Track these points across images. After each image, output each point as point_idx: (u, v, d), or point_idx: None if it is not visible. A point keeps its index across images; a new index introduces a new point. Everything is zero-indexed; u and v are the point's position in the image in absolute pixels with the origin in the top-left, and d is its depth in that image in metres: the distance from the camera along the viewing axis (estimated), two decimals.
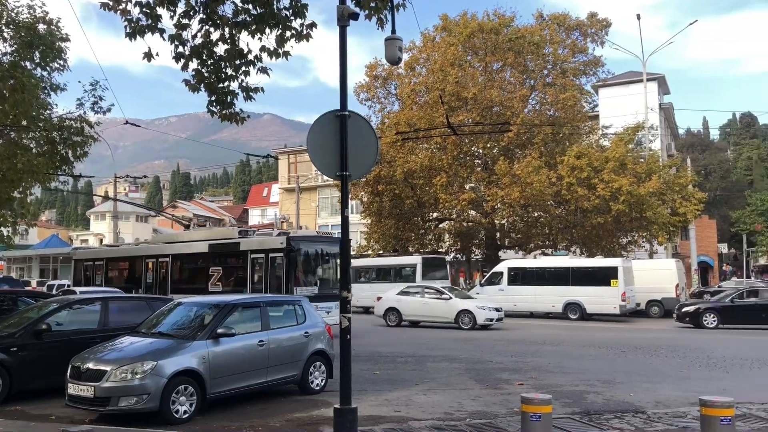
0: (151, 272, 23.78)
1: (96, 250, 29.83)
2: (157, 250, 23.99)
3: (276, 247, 19.70)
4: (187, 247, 22.92)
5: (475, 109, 30.10)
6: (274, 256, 19.70)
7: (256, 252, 20.33)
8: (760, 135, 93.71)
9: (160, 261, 23.45)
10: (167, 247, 23.82)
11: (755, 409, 9.71)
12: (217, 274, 21.40)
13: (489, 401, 10.36)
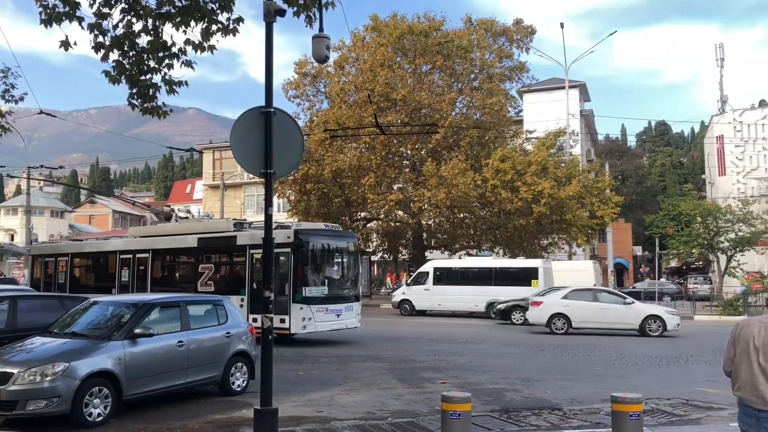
0: (127, 270, 21.32)
1: (59, 244, 26.60)
2: (135, 245, 21.56)
3: (281, 242, 17.27)
4: (171, 242, 20.58)
5: (404, 110, 30.35)
6: (279, 252, 17.30)
7: (256, 247, 18.01)
8: (674, 143, 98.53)
9: (139, 257, 21.07)
10: (147, 241, 21.40)
11: (663, 404, 10.19)
12: (208, 272, 19.44)
13: (411, 400, 10.45)
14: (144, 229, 23.02)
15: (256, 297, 17.73)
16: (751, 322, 4.88)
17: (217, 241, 19.49)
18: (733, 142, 45.73)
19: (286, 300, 17.10)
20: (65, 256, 23.74)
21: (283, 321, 17.00)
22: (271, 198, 6.60)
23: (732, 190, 44.05)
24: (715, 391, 11.37)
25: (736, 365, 4.85)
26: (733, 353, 4.90)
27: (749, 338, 4.75)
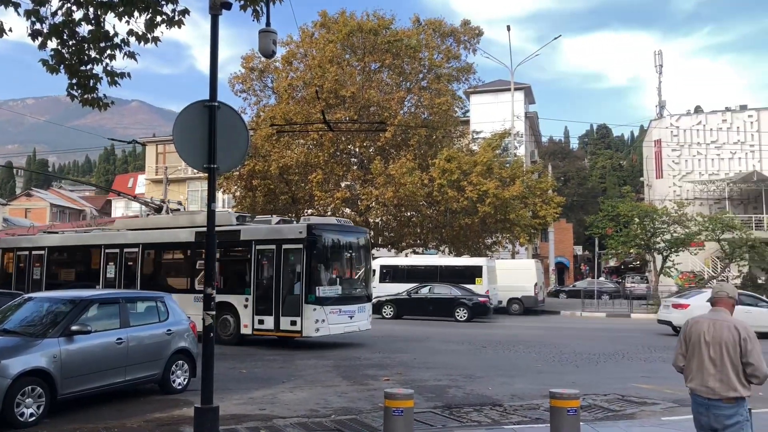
0: (113, 266, 19.64)
1: (32, 237, 24.29)
2: (123, 239, 19.83)
3: (292, 237, 16.57)
4: (164, 236, 19.02)
5: (353, 107, 30.33)
6: (290, 248, 16.60)
7: (263, 243, 17.08)
8: (614, 146, 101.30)
9: (127, 252, 19.49)
10: (136, 235, 19.75)
11: (599, 400, 10.48)
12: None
13: (355, 397, 10.47)
14: (133, 222, 21.12)
15: (263, 297, 16.79)
16: (701, 320, 5.25)
17: (219, 235, 18.34)
18: (670, 146, 47.30)
19: (298, 300, 16.14)
20: (41, 249, 21.69)
21: (294, 323, 16.10)
22: (214, 193, 6.52)
23: (668, 192, 45.58)
24: (649, 386, 11.78)
25: (688, 360, 5.23)
26: (684, 349, 5.28)
27: (700, 334, 5.13)
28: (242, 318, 16.98)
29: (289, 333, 16.33)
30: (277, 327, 16.50)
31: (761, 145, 45.15)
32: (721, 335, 5.03)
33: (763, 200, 43.28)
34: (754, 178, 43.24)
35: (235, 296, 17.16)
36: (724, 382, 4.98)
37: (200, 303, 17.17)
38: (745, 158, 45.68)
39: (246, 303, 16.97)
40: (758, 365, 4.90)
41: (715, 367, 5.00)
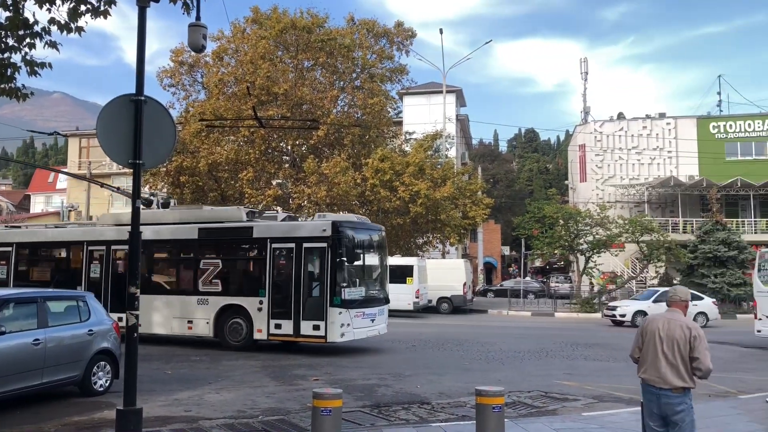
0: (98, 265, 17.86)
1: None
2: (111, 235, 17.87)
3: (315, 235, 15.41)
4: (161, 232, 17.22)
5: (285, 105, 30.04)
6: (311, 247, 15.49)
7: (280, 241, 15.89)
8: (541, 150, 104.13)
9: (116, 250, 17.68)
10: (125, 230, 18.62)
11: (524, 396, 10.77)
12: (213, 269, 16.56)
13: (283, 398, 10.39)
14: (123, 216, 19.07)
15: (281, 299, 15.67)
16: (656, 318, 5.93)
17: (225, 232, 16.77)
18: (594, 151, 48.97)
19: (321, 303, 15.12)
20: (6, 246, 19.32)
21: (317, 328, 15.07)
22: (139, 190, 6.34)
23: (591, 195, 47.19)
24: (571, 383, 12.17)
25: (644, 353, 5.85)
26: (641, 343, 5.90)
27: (655, 330, 5.77)
28: (255, 322, 15.77)
29: (312, 338, 15.28)
30: (297, 332, 15.35)
31: (678, 152, 47.33)
32: (674, 333, 5.65)
33: (679, 204, 45.39)
34: (671, 183, 45.28)
35: (248, 299, 15.99)
36: (675, 374, 5.58)
37: (204, 305, 16.12)
38: (663, 164, 47.76)
39: (260, 306, 15.79)
40: (703, 360, 5.54)
41: (668, 360, 5.61)
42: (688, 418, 5.60)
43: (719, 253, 35.83)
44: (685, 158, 47.00)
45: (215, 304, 16.29)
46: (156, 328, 16.88)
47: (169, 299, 16.95)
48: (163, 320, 16.81)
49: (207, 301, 16.41)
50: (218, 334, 16.29)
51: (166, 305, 16.85)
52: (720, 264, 35.79)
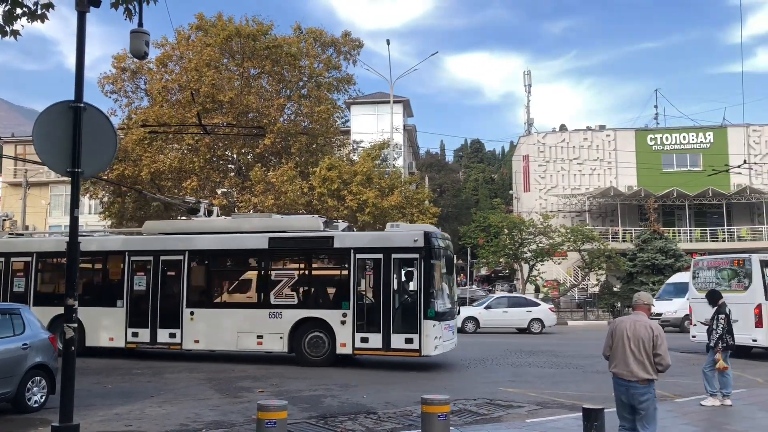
0: (144, 277, 16.75)
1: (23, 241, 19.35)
2: (159, 245, 16.87)
3: (406, 246, 14.92)
4: (223, 242, 16.49)
5: (231, 113, 29.66)
6: (401, 258, 15.02)
7: (366, 251, 15.33)
8: (486, 160, 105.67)
9: (165, 260, 16.70)
10: (179, 240, 16.78)
11: (469, 404, 10.86)
12: (287, 281, 15.80)
13: (228, 410, 10.22)
14: (170, 225, 18.09)
15: (368, 312, 15.07)
16: (624, 320, 6.82)
17: (301, 242, 16.02)
18: (537, 161, 50.05)
19: (415, 316, 14.63)
20: (25, 256, 17.79)
21: (410, 341, 14.56)
22: (78, 199, 6.15)
23: (535, 205, 48.18)
24: (515, 390, 12.34)
25: (614, 350, 6.68)
26: (611, 342, 6.74)
27: (623, 330, 6.62)
28: (338, 336, 15.08)
29: (404, 352, 14.72)
30: (387, 346, 14.79)
31: (617, 163, 48.78)
32: (640, 332, 6.52)
33: (618, 214, 46.73)
34: (611, 193, 46.62)
35: (329, 311, 15.33)
36: (641, 368, 6.46)
37: (276, 319, 15.48)
38: (604, 174, 49.15)
39: (344, 319, 15.08)
40: (664, 356, 6.47)
41: (635, 356, 6.47)
42: (652, 406, 6.52)
43: (657, 261, 37.02)
44: (624, 169, 48.48)
45: (290, 318, 15.48)
46: (218, 344, 16.17)
47: (234, 313, 16.11)
48: (227, 336, 15.85)
49: (280, 314, 15.55)
50: (293, 349, 15.50)
51: (231, 319, 15.93)
52: (658, 272, 36.98)
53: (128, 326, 16.54)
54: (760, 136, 48.70)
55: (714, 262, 20.40)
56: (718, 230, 46.29)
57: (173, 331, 16.19)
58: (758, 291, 18.55)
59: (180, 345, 16.16)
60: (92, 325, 16.59)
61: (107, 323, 16.68)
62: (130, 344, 16.52)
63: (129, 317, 16.59)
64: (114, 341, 16.58)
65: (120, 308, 16.69)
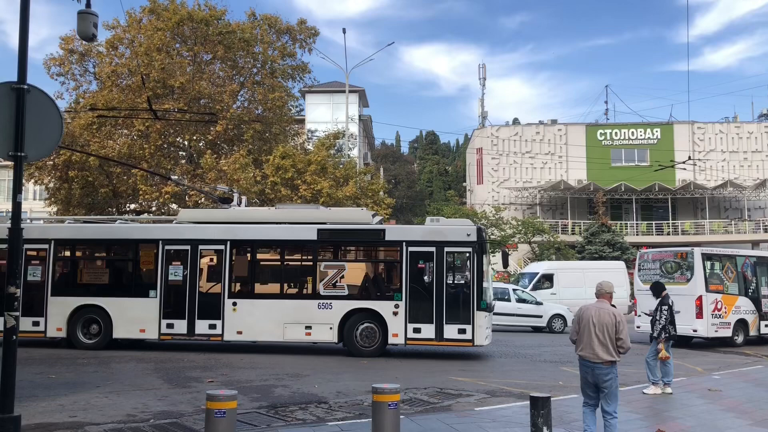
0: (180, 266, 16.29)
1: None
2: (198, 234, 16.48)
3: (459, 240, 15.55)
4: (269, 232, 16.34)
5: (183, 98, 29.09)
6: (454, 251, 15.65)
7: (418, 244, 15.71)
8: (440, 152, 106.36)
9: (205, 250, 16.40)
10: (221, 229, 16.49)
11: (420, 393, 10.97)
12: (337, 272, 15.86)
13: (177, 400, 10.08)
14: (208, 213, 17.71)
15: (421, 303, 15.43)
16: (590, 307, 7.41)
17: (352, 234, 16.23)
18: (490, 154, 50.65)
19: (468, 307, 15.25)
20: (41, 243, 16.69)
21: (463, 332, 15.20)
22: (21, 184, 5.96)
23: (488, 197, 48.77)
24: (465, 379, 12.52)
25: (580, 335, 7.31)
26: (578, 327, 7.36)
27: (589, 317, 7.25)
28: (390, 326, 15.45)
29: (457, 342, 15.31)
30: (440, 336, 15.32)
31: (568, 157, 49.71)
32: (604, 319, 7.17)
33: (568, 207, 47.68)
34: (561, 187, 47.52)
35: (381, 302, 15.66)
36: (605, 351, 7.12)
37: (326, 310, 15.54)
38: (555, 168, 50.06)
39: (396, 310, 15.48)
40: (626, 340, 7.18)
41: (599, 340, 7.13)
42: (615, 385, 7.22)
43: (604, 253, 37.95)
44: (575, 163, 49.47)
45: (341, 309, 15.66)
46: (263, 335, 16.02)
47: (281, 304, 16.00)
48: (273, 327, 15.79)
49: (330, 305, 15.70)
50: (343, 340, 15.71)
51: (278, 310, 15.87)
52: None
53: (162, 317, 16.04)
54: (705, 134, 50.30)
55: (658, 254, 21.05)
56: (664, 224, 47.69)
57: (213, 322, 15.90)
58: (699, 283, 19.25)
59: (221, 336, 15.90)
60: (121, 317, 16.12)
61: (138, 314, 16.09)
62: (165, 336, 16.07)
63: (163, 308, 16.10)
64: (146, 333, 16.11)
65: (153, 299, 16.13)
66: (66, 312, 16.17)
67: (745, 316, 19.98)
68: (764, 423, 9.05)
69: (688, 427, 8.78)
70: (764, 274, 21.21)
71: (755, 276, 20.79)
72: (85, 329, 16.26)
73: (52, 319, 16.21)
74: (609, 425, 7.20)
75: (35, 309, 16.20)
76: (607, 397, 7.21)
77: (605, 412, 7.23)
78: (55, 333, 16.29)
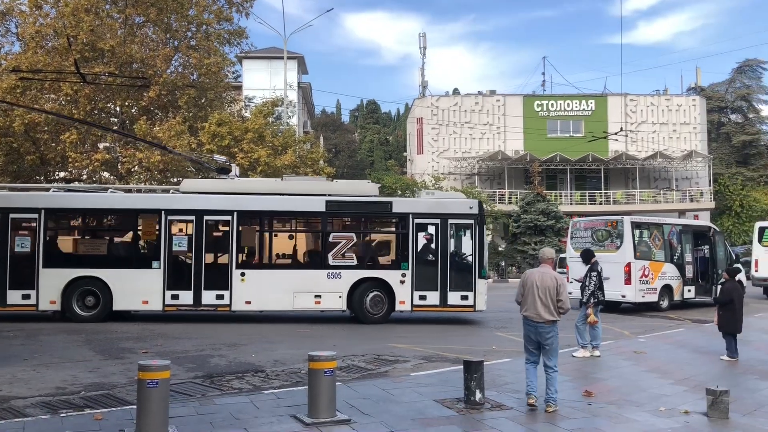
0: (183, 237, 16.23)
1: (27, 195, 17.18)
2: (203, 204, 16.23)
3: (462, 212, 16.57)
4: (277, 203, 16.47)
5: (113, 62, 27.93)
6: (457, 223, 16.56)
7: (423, 216, 16.48)
8: (381, 121, 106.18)
9: (209, 221, 16.19)
10: (226, 200, 16.32)
11: (358, 360, 11.08)
12: (345, 242, 16.32)
13: (109, 372, 9.87)
14: (212, 184, 17.26)
15: (426, 272, 16.26)
16: (533, 272, 8.01)
17: (360, 206, 16.69)
18: (430, 124, 50.82)
19: (471, 275, 16.31)
20: (29, 212, 15.94)
21: (466, 298, 16.23)
22: None
23: (427, 167, 49.04)
24: (403, 346, 12.70)
25: (524, 297, 7.87)
26: (522, 290, 7.93)
27: (533, 281, 7.81)
28: (398, 294, 16.21)
29: (460, 308, 16.32)
30: (444, 302, 16.26)
31: (506, 127, 50.39)
32: (546, 282, 7.75)
33: (505, 177, 48.48)
34: (499, 157, 48.20)
35: (389, 271, 16.35)
36: (547, 311, 7.68)
37: (335, 279, 16.26)
38: (493, 138, 50.66)
39: (403, 279, 16.24)
40: (566, 301, 7.76)
41: (542, 302, 7.69)
42: (555, 342, 7.84)
43: (539, 222, 38.86)
44: (512, 134, 50.19)
45: (349, 278, 16.18)
46: (272, 305, 16.29)
47: (290, 274, 16.35)
48: (283, 296, 16.05)
49: (339, 275, 16.18)
50: (351, 307, 16.29)
51: (287, 280, 16.14)
52: (539, 232, 38.86)
53: (166, 288, 15.83)
54: (637, 106, 51.73)
55: (590, 223, 21.69)
56: (596, 194, 49.07)
57: (221, 292, 15.90)
58: (628, 251, 19.96)
59: (229, 307, 15.97)
60: (121, 288, 15.78)
61: (140, 286, 15.82)
62: (169, 307, 15.88)
63: (167, 279, 15.87)
64: (149, 305, 15.86)
65: (156, 270, 15.86)
66: (60, 284, 15.63)
67: (670, 282, 20.86)
68: (684, 382, 9.52)
69: (614, 387, 9.15)
70: (689, 241, 22.17)
71: (680, 243, 21.69)
72: (80, 302, 15.80)
73: (44, 292, 15.60)
74: (550, 378, 7.75)
75: (25, 282, 15.61)
76: (549, 353, 7.78)
77: (547, 367, 7.78)
78: (48, 306, 15.73)
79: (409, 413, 7.40)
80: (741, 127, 61.78)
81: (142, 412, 6.15)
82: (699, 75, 65.10)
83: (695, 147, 50.49)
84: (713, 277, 21.76)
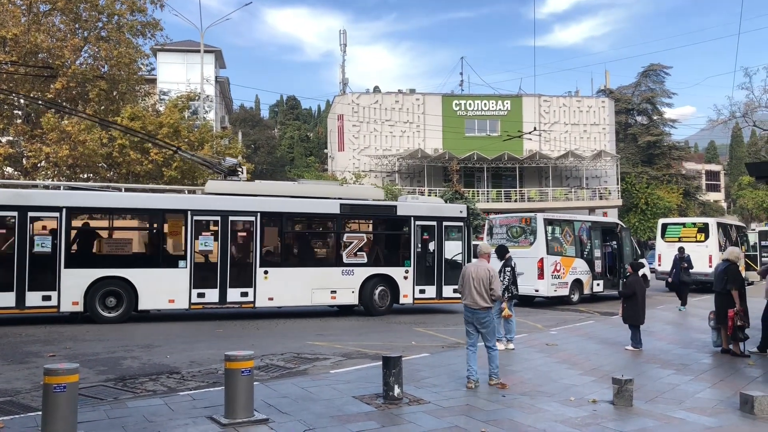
0: (210, 237, 16.41)
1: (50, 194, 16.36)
2: (228, 205, 16.62)
3: (454, 215, 18.94)
4: (297, 205, 17.48)
5: (16, 51, 26.50)
6: (450, 225, 18.79)
7: (423, 219, 18.51)
8: (302, 118, 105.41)
9: (235, 221, 16.74)
10: (251, 201, 16.93)
11: (276, 359, 10.98)
12: (357, 242, 17.83)
13: (12, 377, 9.38)
14: (236, 186, 17.55)
15: (426, 268, 18.39)
16: (470, 265, 9.04)
17: (370, 209, 18.42)
18: (351, 121, 50.86)
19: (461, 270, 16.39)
20: (52, 210, 15.18)
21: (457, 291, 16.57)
22: None
23: (348, 164, 49.10)
24: (322, 343, 12.67)
25: (464, 287, 8.83)
26: (462, 282, 8.88)
27: (470, 273, 8.81)
28: (402, 289, 18.08)
29: (453, 300, 17.89)
30: (440, 295, 18.46)
31: (425, 126, 51.06)
32: (480, 274, 8.72)
33: (425, 175, 49.13)
34: (419, 155, 48.80)
35: (394, 269, 18.13)
36: (482, 299, 8.68)
37: (349, 276, 17.74)
38: (413, 137, 51.25)
39: (406, 275, 18.15)
40: (497, 289, 8.76)
41: (477, 291, 8.67)
42: (491, 325, 8.94)
43: None
44: (431, 132, 50.92)
45: (361, 275, 17.72)
46: (292, 301, 17.19)
47: (309, 272, 17.42)
48: (302, 293, 17.13)
49: (352, 272, 17.65)
50: (362, 301, 17.75)
51: (306, 277, 17.23)
52: None
53: (192, 287, 16.09)
54: (550, 106, 53.52)
55: (505, 220, 22.31)
56: (512, 192, 50.48)
57: (245, 290, 16.58)
58: (541, 247, 20.67)
59: (253, 303, 16.70)
60: (147, 288, 15.78)
61: (167, 285, 15.95)
62: (195, 305, 16.20)
63: (193, 278, 16.13)
64: (175, 303, 16.04)
65: (183, 269, 16.06)
66: (84, 285, 15.15)
67: (580, 276, 21.75)
68: (592, 372, 9.95)
69: (527, 379, 9.46)
70: (597, 237, 23.17)
71: (590, 239, 22.64)
72: (101, 303, 15.38)
73: (66, 293, 15.08)
74: (491, 356, 8.90)
75: (46, 283, 14.97)
76: (487, 335, 8.86)
77: (487, 347, 8.90)
78: (70, 307, 15.18)
79: (328, 410, 7.40)
80: (646, 129, 65.03)
81: (49, 418, 5.88)
82: (608, 78, 68.24)
83: (604, 147, 52.73)
84: (620, 272, 22.81)
